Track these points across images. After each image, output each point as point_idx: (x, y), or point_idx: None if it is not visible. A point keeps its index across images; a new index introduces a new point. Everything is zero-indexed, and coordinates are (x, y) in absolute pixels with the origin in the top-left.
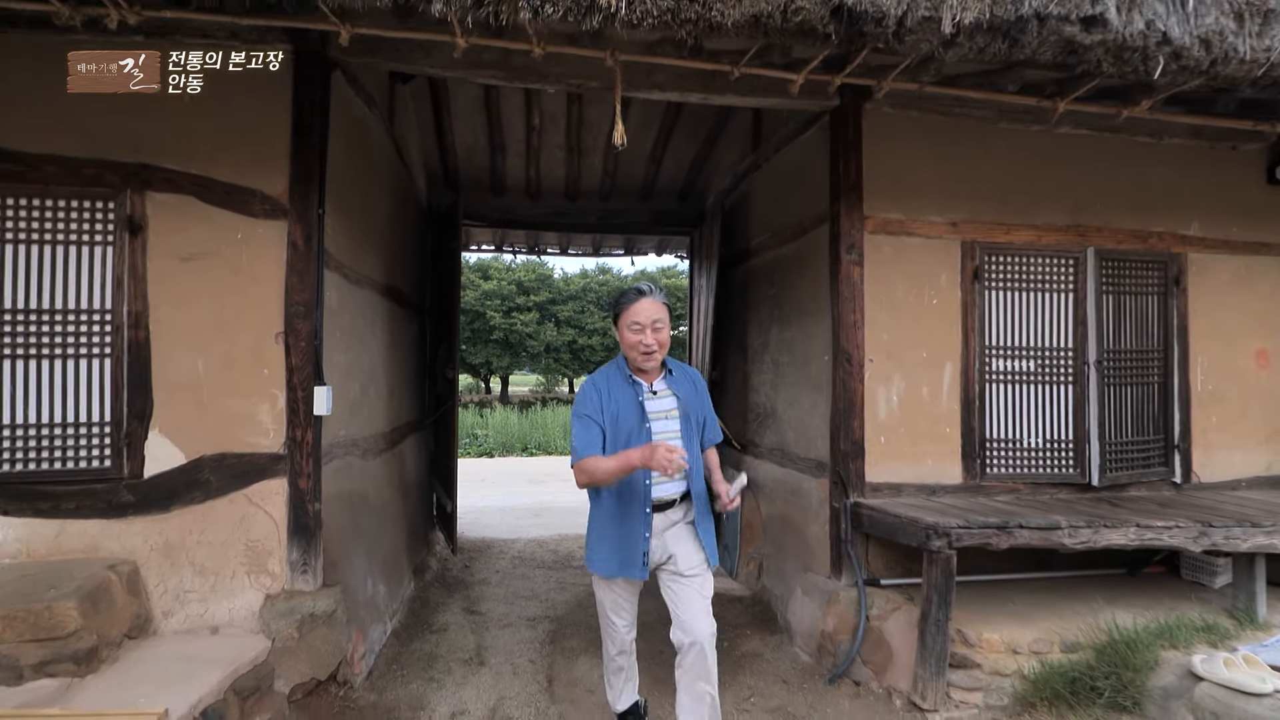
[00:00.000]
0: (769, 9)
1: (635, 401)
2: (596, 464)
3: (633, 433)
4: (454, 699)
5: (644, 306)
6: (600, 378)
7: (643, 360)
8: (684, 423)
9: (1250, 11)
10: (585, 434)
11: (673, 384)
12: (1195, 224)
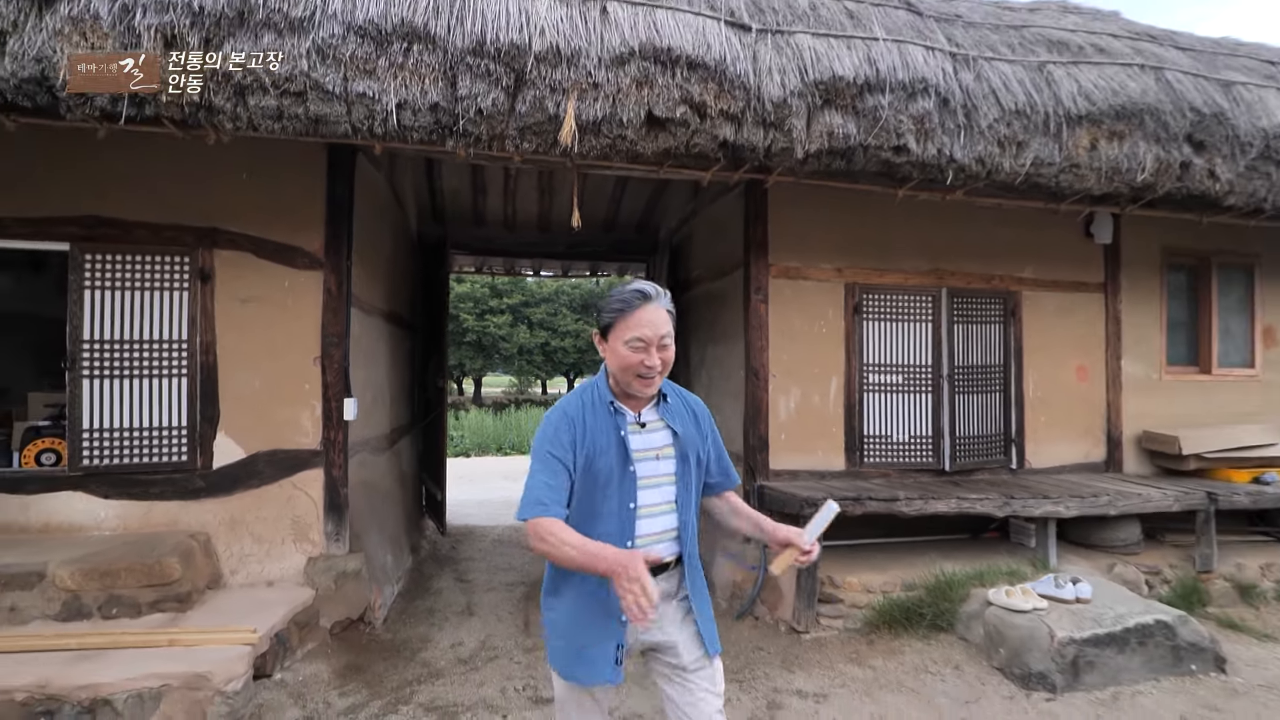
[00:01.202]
0: (675, 144)
1: (617, 436)
2: (554, 534)
3: (612, 478)
4: (452, 636)
5: (649, 316)
6: (574, 403)
7: (640, 386)
8: (680, 464)
9: (1008, 141)
10: (545, 481)
11: (667, 414)
12: (1029, 268)
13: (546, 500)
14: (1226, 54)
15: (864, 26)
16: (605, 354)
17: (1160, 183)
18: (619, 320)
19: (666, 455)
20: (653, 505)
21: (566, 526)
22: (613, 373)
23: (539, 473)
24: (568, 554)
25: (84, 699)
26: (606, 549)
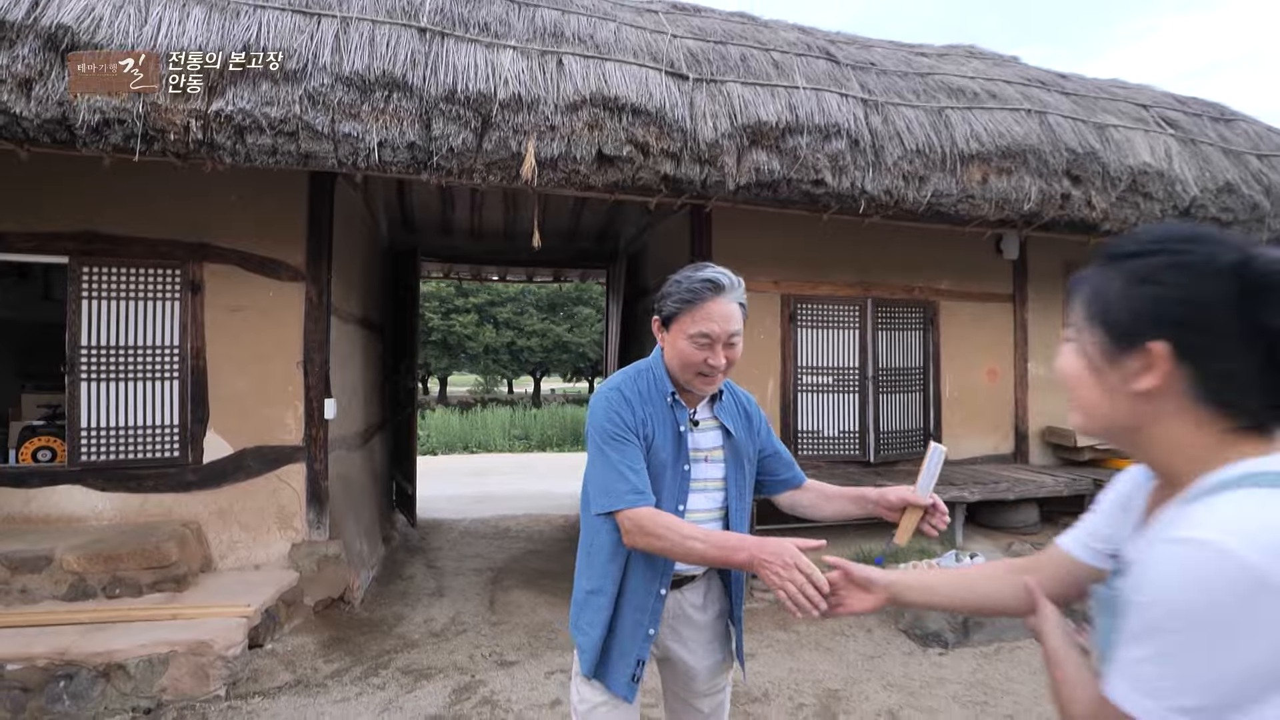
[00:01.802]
0: (623, 178)
1: (675, 431)
2: (668, 525)
3: (664, 476)
4: (424, 615)
5: (720, 309)
6: (630, 383)
7: (700, 385)
8: (732, 468)
9: (911, 176)
10: (626, 465)
11: (722, 413)
12: (946, 281)
13: (640, 486)
14: (1106, 98)
15: (787, 76)
16: (664, 344)
17: (1045, 211)
18: (685, 312)
19: (716, 458)
20: (701, 511)
21: (671, 515)
22: (669, 364)
23: (613, 457)
24: (692, 547)
25: (99, 664)
26: (746, 538)
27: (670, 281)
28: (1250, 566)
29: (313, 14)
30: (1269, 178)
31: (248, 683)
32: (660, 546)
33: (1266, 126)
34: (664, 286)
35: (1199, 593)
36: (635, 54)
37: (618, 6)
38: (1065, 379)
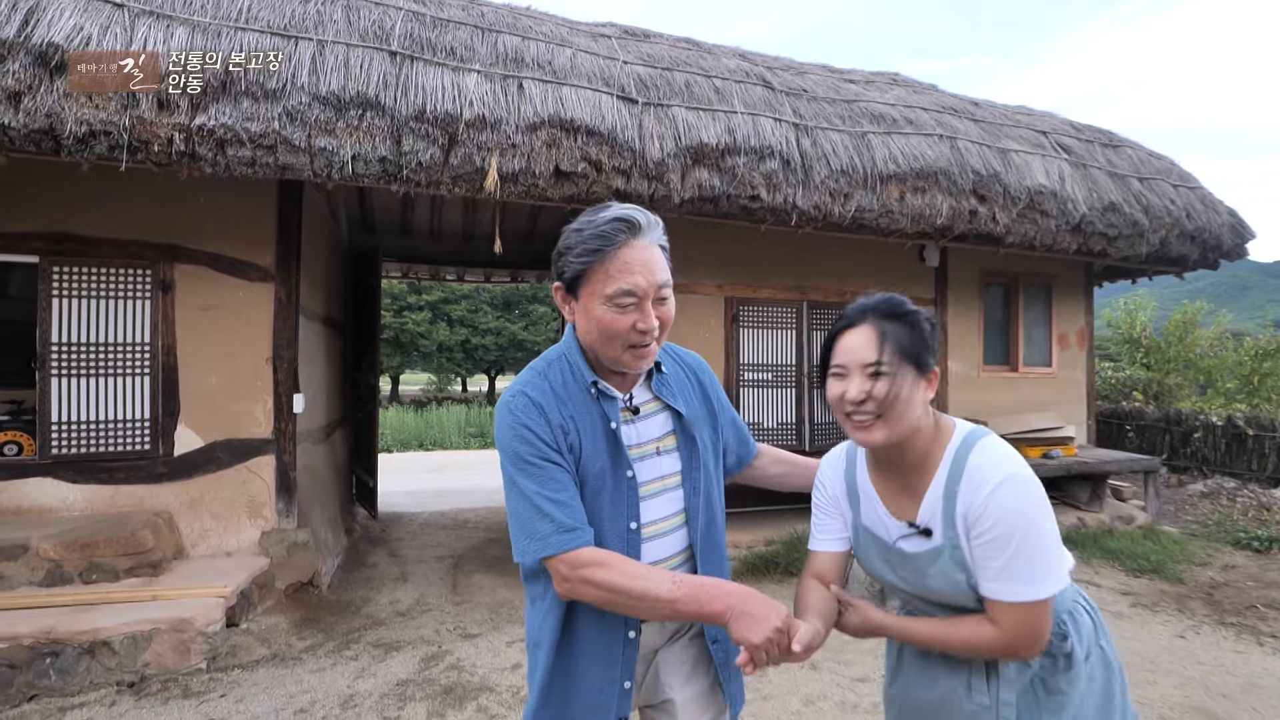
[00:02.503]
0: (577, 191)
1: (606, 429)
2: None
3: (602, 490)
4: (390, 597)
5: (641, 255)
6: (538, 382)
7: (631, 360)
8: (687, 458)
9: (837, 193)
10: (549, 497)
11: (664, 390)
12: (875, 285)
13: (570, 521)
14: (1010, 124)
15: (727, 101)
16: (574, 316)
17: (955, 225)
18: (595, 266)
19: (668, 448)
20: (658, 522)
21: (622, 557)
22: (588, 342)
23: (529, 487)
24: (656, 599)
25: (84, 641)
26: (723, 585)
27: (567, 232)
28: (1031, 474)
29: (290, 36)
30: (1148, 198)
31: (227, 657)
32: (610, 600)
33: (1149, 152)
34: (560, 241)
35: (1032, 501)
36: (590, 79)
37: (574, 32)
38: (893, 401)
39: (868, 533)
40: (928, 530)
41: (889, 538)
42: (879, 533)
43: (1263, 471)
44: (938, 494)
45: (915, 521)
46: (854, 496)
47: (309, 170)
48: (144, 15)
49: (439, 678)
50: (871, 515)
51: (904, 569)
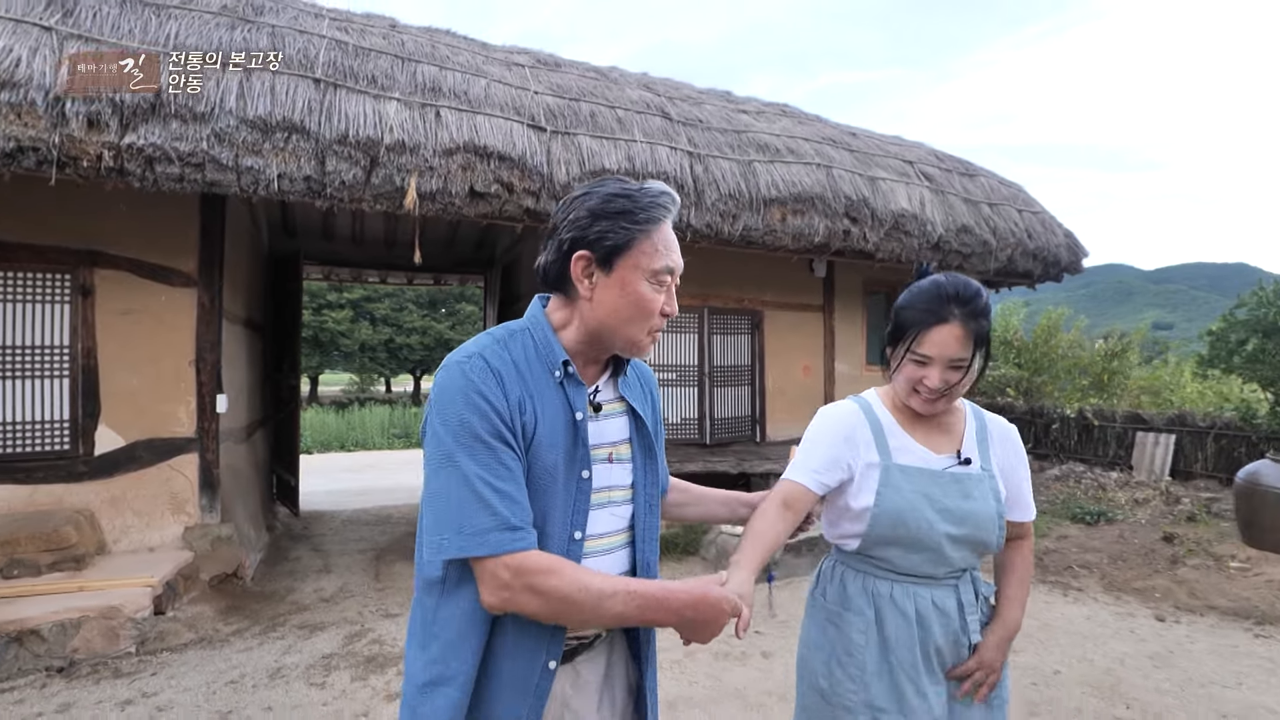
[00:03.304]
0: (491, 210)
1: (568, 419)
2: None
3: (554, 488)
4: (313, 586)
5: (671, 234)
6: (495, 353)
7: (648, 344)
8: (643, 470)
9: (726, 214)
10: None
11: (627, 390)
12: (769, 294)
13: (515, 518)
14: (881, 154)
15: (628, 130)
16: (592, 292)
17: (831, 243)
18: (643, 239)
19: (623, 456)
20: (605, 536)
21: (571, 563)
22: (598, 323)
23: (470, 469)
24: (608, 608)
25: (11, 630)
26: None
27: (604, 196)
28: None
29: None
30: (996, 221)
31: (155, 641)
32: (554, 613)
33: (1000, 180)
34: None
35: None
36: (502, 108)
37: (489, 61)
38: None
39: (904, 470)
40: (968, 460)
41: (939, 467)
42: (925, 465)
43: (1105, 456)
44: (973, 437)
45: (960, 453)
46: (882, 441)
47: (236, 187)
48: (72, 39)
49: (362, 650)
50: (909, 454)
51: (952, 494)
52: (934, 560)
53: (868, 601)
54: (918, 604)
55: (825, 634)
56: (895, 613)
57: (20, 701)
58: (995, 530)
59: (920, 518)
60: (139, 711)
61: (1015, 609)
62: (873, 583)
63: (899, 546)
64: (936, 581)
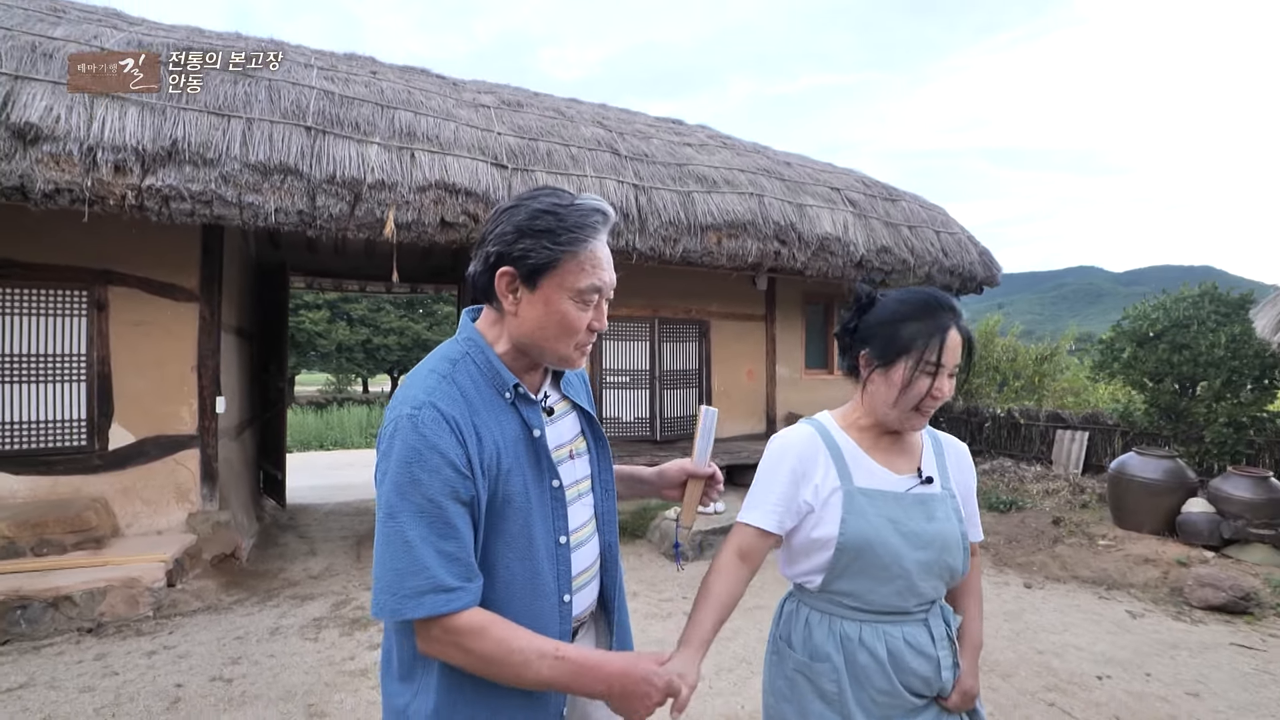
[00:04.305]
0: (459, 237)
1: (527, 436)
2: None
3: (528, 506)
4: (302, 566)
5: (603, 252)
6: (446, 394)
7: (579, 357)
8: (596, 461)
9: (668, 239)
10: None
11: (569, 389)
12: (715, 305)
13: (452, 580)
14: (812, 182)
15: (580, 166)
16: (516, 307)
17: (764, 263)
18: (569, 258)
19: (580, 450)
20: (578, 530)
21: (503, 622)
22: (524, 338)
23: (418, 533)
24: (533, 675)
25: (49, 596)
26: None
27: (529, 213)
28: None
29: (224, 115)
30: (914, 242)
31: (169, 608)
32: (478, 669)
33: (922, 203)
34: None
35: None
36: (469, 149)
37: (459, 105)
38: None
39: (867, 493)
40: (930, 479)
41: (901, 489)
42: (887, 488)
43: (1030, 452)
44: (931, 456)
45: (921, 470)
46: (842, 465)
47: (239, 220)
48: (102, 98)
49: (347, 614)
50: (871, 477)
51: (916, 517)
52: (904, 591)
53: (836, 647)
54: (889, 643)
55: (795, 687)
56: (866, 655)
57: (61, 654)
58: (961, 553)
59: (888, 544)
60: (163, 659)
61: (977, 628)
62: (840, 625)
63: (867, 578)
64: (908, 617)
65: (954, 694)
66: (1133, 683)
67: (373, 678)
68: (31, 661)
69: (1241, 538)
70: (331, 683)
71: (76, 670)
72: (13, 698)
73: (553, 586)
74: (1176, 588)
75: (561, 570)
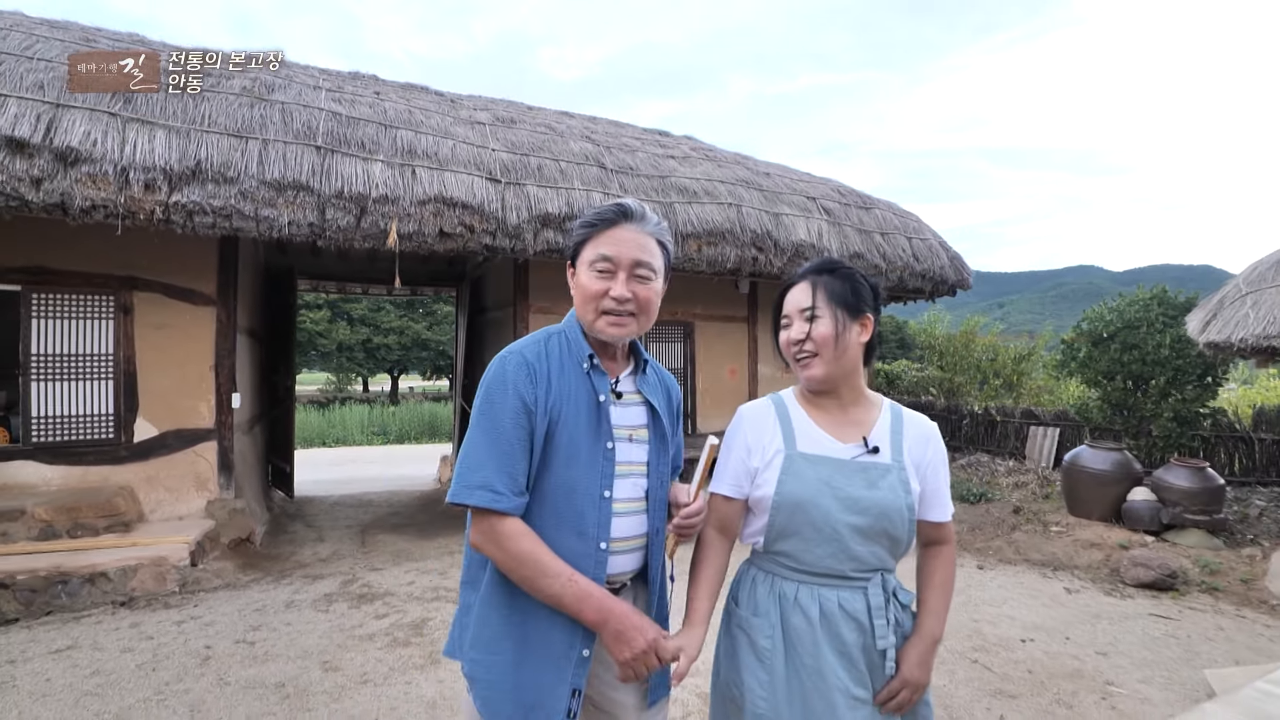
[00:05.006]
0: (457, 246)
1: (593, 401)
2: (526, 549)
3: (578, 456)
4: (311, 550)
5: (628, 234)
6: (535, 349)
7: (605, 327)
8: (656, 451)
9: None
10: (496, 458)
11: (645, 387)
12: (700, 307)
13: (500, 486)
14: (789, 192)
15: (569, 180)
16: (574, 288)
17: (742, 269)
18: (588, 240)
19: (640, 439)
20: (627, 500)
21: (538, 540)
22: (578, 312)
23: (484, 444)
24: (547, 586)
25: (86, 573)
26: (608, 597)
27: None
28: None
29: (242, 137)
30: (885, 248)
31: (193, 585)
32: (509, 566)
33: (895, 211)
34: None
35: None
36: (465, 165)
37: (456, 122)
38: (820, 340)
39: (807, 457)
40: (875, 449)
41: (846, 456)
42: (830, 454)
43: (1006, 448)
44: (885, 427)
45: (867, 440)
46: (788, 431)
47: (255, 232)
48: (133, 122)
49: (355, 591)
50: (815, 444)
51: (856, 483)
52: (838, 554)
53: (774, 605)
54: (823, 604)
55: (736, 642)
56: (799, 615)
57: (99, 623)
58: (903, 523)
59: (820, 505)
60: (191, 626)
61: (936, 621)
62: (780, 584)
63: (799, 538)
64: (845, 582)
65: (895, 680)
66: (1052, 644)
67: (380, 642)
68: (74, 629)
69: (1179, 523)
70: (343, 645)
71: (115, 636)
72: (63, 656)
73: (593, 532)
74: (1115, 569)
75: (602, 519)
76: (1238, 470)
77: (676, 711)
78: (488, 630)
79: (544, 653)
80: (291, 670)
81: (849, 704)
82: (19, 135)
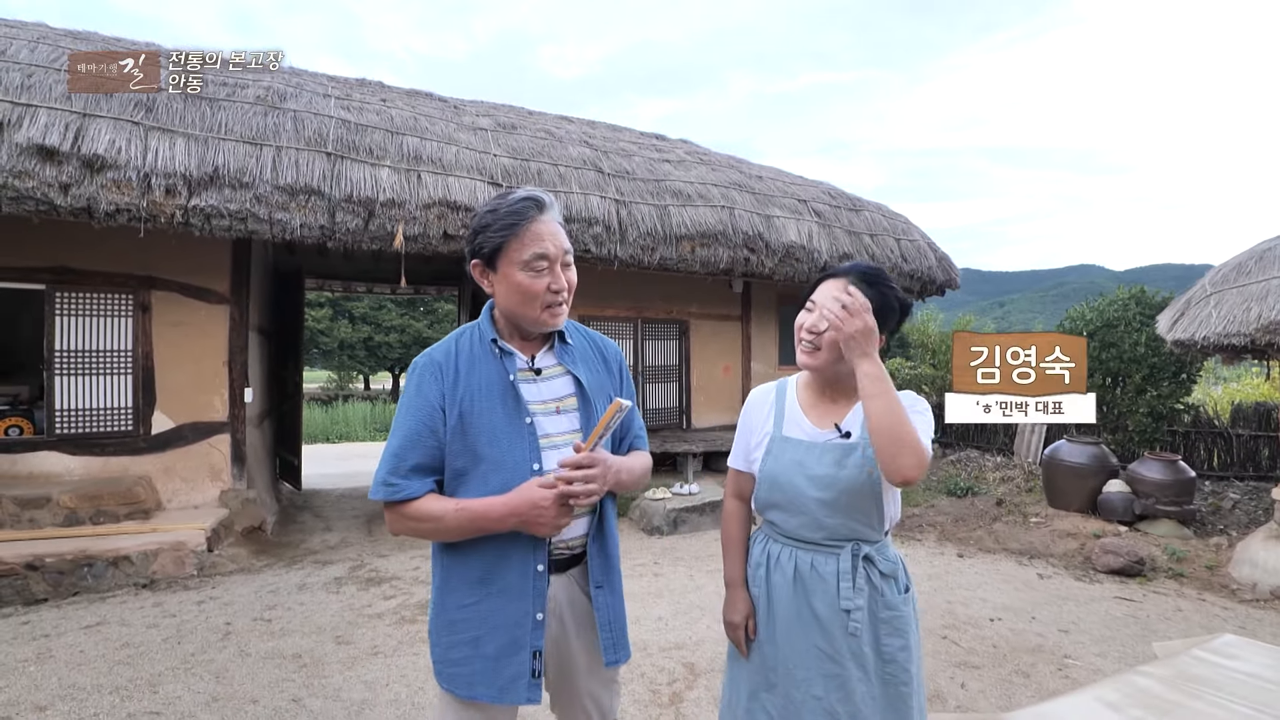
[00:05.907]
0: (459, 248)
1: (504, 382)
2: (423, 514)
3: (498, 437)
4: (319, 538)
5: (549, 227)
6: (443, 348)
7: (548, 318)
8: (584, 420)
9: (646, 248)
10: (396, 453)
11: (568, 358)
12: (694, 306)
13: (395, 478)
14: (780, 195)
15: (568, 184)
16: (493, 287)
17: (735, 269)
18: (510, 240)
19: (569, 408)
20: None
21: (434, 498)
22: (505, 310)
23: (391, 444)
24: (451, 526)
25: (110, 556)
26: (495, 501)
27: (480, 216)
28: None
29: (257, 144)
30: (874, 249)
31: (209, 569)
32: (428, 533)
33: (885, 213)
34: (474, 224)
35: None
36: (468, 170)
37: (459, 128)
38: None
39: (786, 440)
40: (848, 434)
41: (817, 439)
42: (805, 438)
43: (995, 443)
44: (858, 414)
45: (839, 426)
46: (779, 415)
47: (269, 234)
48: (154, 130)
49: (363, 575)
50: (795, 428)
51: (825, 463)
52: (810, 525)
53: (764, 560)
54: (798, 564)
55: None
56: (779, 572)
57: (124, 602)
58: (868, 496)
59: (793, 483)
60: (211, 606)
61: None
62: (770, 544)
63: (778, 509)
64: (818, 547)
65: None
66: (1018, 623)
67: (388, 620)
68: (101, 607)
69: (1151, 514)
70: (353, 622)
71: (140, 614)
72: (94, 631)
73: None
74: (1088, 556)
75: None
76: (1216, 465)
77: (663, 679)
78: (445, 616)
79: (501, 622)
80: (307, 644)
81: (817, 656)
82: (49, 144)
